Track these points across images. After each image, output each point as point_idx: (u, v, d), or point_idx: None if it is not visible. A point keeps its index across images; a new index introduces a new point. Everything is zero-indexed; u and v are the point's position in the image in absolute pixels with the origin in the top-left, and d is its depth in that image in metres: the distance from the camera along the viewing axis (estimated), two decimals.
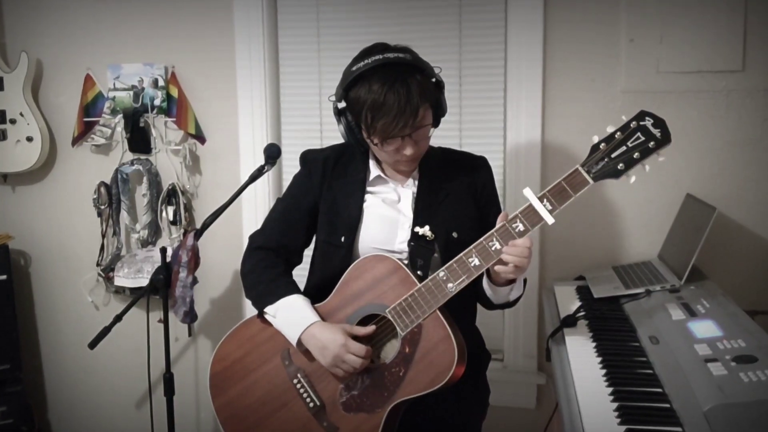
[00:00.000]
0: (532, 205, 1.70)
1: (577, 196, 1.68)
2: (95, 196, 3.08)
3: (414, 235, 1.88)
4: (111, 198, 3.07)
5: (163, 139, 3.04)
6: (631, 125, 1.66)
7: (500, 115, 2.73)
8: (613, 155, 1.66)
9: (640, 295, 2.16)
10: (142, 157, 3.05)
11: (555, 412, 2.47)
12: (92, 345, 2.60)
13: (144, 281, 2.93)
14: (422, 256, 1.87)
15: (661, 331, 1.86)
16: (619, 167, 1.66)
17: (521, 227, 1.71)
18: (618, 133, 1.66)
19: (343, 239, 1.92)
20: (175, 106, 2.98)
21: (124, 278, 3.00)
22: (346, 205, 1.94)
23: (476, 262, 1.73)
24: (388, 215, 1.93)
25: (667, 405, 1.53)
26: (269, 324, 1.94)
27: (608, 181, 2.54)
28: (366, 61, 1.78)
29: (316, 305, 1.91)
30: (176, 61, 2.98)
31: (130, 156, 3.07)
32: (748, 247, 2.50)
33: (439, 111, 1.88)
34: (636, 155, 1.65)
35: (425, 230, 1.87)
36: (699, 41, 2.46)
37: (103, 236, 3.13)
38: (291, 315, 1.89)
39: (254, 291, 1.98)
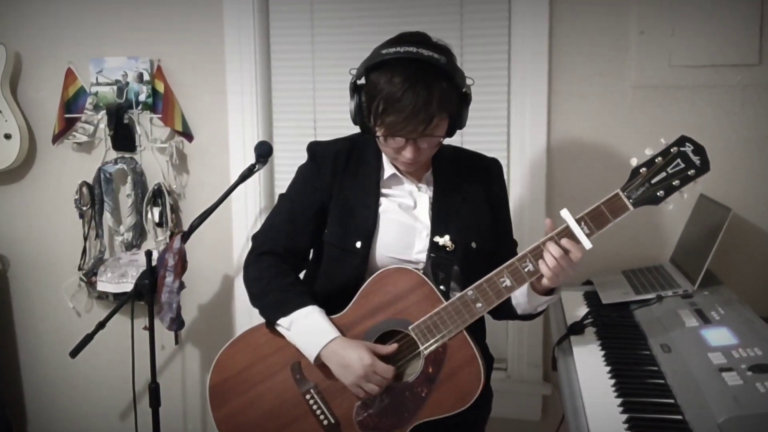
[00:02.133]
0: (569, 228, 1.71)
1: (615, 222, 1.70)
2: (77, 197, 3.07)
3: (434, 246, 1.86)
4: (93, 199, 3.07)
5: (148, 137, 3.03)
6: (672, 150, 1.67)
7: (504, 112, 2.73)
8: (653, 181, 1.68)
9: (651, 300, 2.15)
10: (127, 155, 3.05)
11: (561, 424, 2.47)
12: (74, 353, 2.59)
13: (128, 286, 2.93)
14: (443, 268, 1.85)
15: (673, 338, 1.86)
16: (658, 194, 1.68)
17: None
18: (659, 158, 1.68)
19: (358, 245, 1.87)
20: (161, 102, 2.97)
21: (107, 283, 3.00)
22: (361, 207, 1.91)
23: (507, 283, 1.74)
24: (405, 222, 1.90)
25: (680, 417, 1.52)
26: (279, 335, 1.90)
27: (617, 180, 2.57)
28: (397, 49, 1.74)
29: (331, 317, 1.87)
30: (162, 54, 2.98)
31: (113, 154, 3.06)
32: (765, 249, 2.50)
33: (457, 124, 1.85)
34: (675, 182, 1.67)
35: (445, 240, 1.86)
36: (713, 33, 2.46)
37: (85, 239, 3.12)
38: (308, 329, 1.85)
39: (263, 301, 1.92)
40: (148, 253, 2.60)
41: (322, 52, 2.87)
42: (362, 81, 1.82)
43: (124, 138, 3.02)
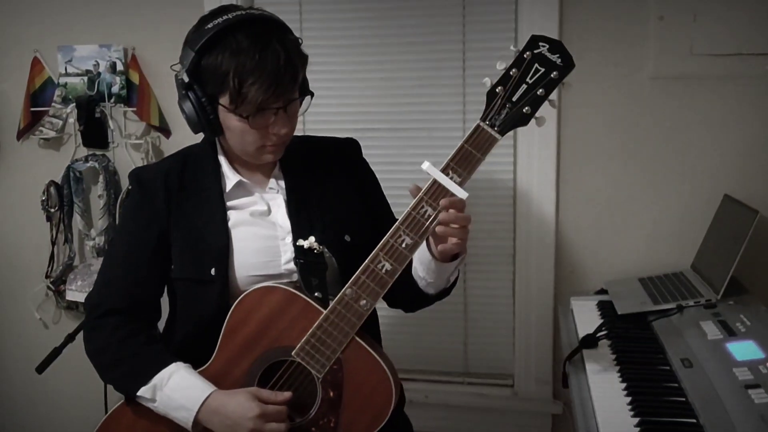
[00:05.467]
0: (437, 182, 1.59)
1: (485, 159, 1.60)
2: (44, 198, 3.07)
3: (299, 251, 1.76)
4: (62, 200, 3.06)
5: (122, 132, 3.03)
6: (525, 56, 1.58)
7: None
8: (514, 98, 1.58)
9: (671, 311, 2.15)
10: (98, 152, 3.04)
11: None
12: (40, 369, 2.58)
13: None
14: (315, 273, 1.75)
15: (694, 352, 1.86)
16: (525, 111, 1.58)
17: (430, 211, 1.59)
18: (513, 70, 1.58)
19: (213, 272, 1.75)
20: (135, 94, 2.97)
21: (77, 292, 2.99)
22: (207, 228, 1.78)
23: (387, 266, 1.61)
24: (262, 233, 1.81)
25: None
26: (147, 409, 1.73)
27: (629, 178, 2.57)
28: (226, 17, 1.65)
29: (199, 370, 1.73)
30: (137, 42, 2.97)
31: (84, 151, 3.06)
32: None
33: (305, 84, 1.79)
34: (540, 92, 1.58)
35: (310, 242, 1.76)
36: (739, 19, 2.45)
37: (53, 244, 3.11)
38: (176, 393, 1.68)
39: (115, 372, 1.76)
40: None
41: (311, 39, 2.84)
42: (185, 76, 1.70)
43: (95, 133, 3.01)
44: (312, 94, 1.79)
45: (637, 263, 2.62)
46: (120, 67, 2.96)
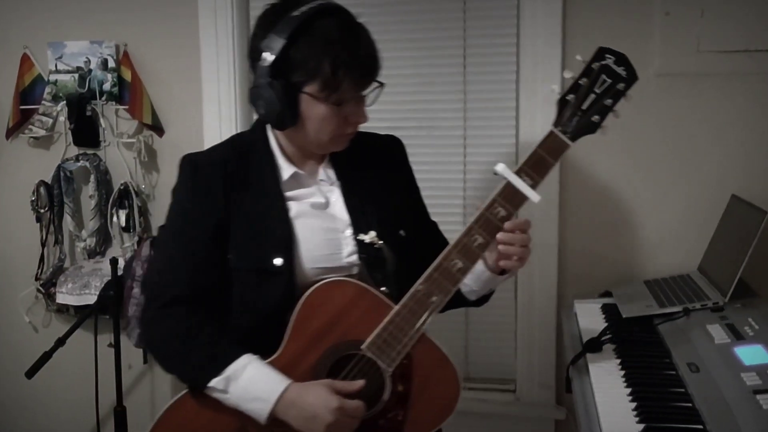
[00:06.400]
0: (510, 184, 1.68)
1: (557, 164, 1.72)
2: (33, 198, 3.07)
3: (360, 245, 1.80)
4: (52, 200, 3.06)
5: (113, 131, 3.03)
6: (593, 67, 1.68)
7: (512, 102, 2.72)
8: (584, 107, 1.68)
9: (677, 314, 2.15)
10: (89, 151, 3.04)
11: None
12: (30, 373, 2.59)
13: (91, 298, 2.91)
14: (378, 268, 1.79)
15: (701, 356, 1.86)
16: (593, 119, 1.69)
17: (503, 212, 1.69)
18: (583, 80, 1.68)
19: (279, 262, 1.74)
20: (127, 92, 2.97)
21: (67, 295, 2.99)
22: (268, 218, 1.79)
23: (460, 264, 1.67)
24: (325, 225, 1.82)
25: None
26: (210, 401, 1.72)
27: (633, 178, 2.57)
28: (310, 5, 1.67)
29: (267, 361, 1.72)
30: (129, 38, 2.97)
31: (74, 150, 3.06)
32: None
33: None
34: (608, 102, 1.68)
35: (372, 236, 1.79)
36: (746, 15, 2.45)
37: (43, 245, 3.11)
38: (252, 385, 1.69)
39: (186, 364, 1.75)
40: (114, 261, 2.59)
41: None
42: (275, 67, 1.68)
43: (86, 132, 3.01)
44: (383, 84, 1.80)
45: (643, 265, 2.63)
46: (111, 63, 2.96)
